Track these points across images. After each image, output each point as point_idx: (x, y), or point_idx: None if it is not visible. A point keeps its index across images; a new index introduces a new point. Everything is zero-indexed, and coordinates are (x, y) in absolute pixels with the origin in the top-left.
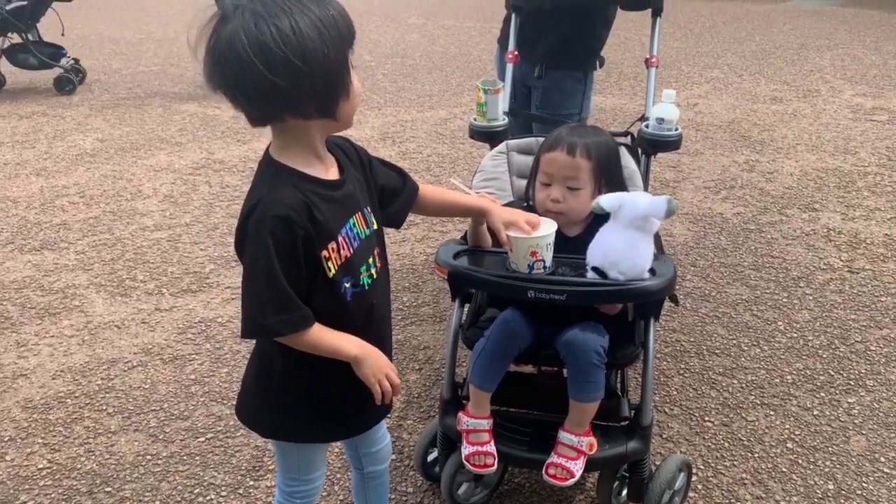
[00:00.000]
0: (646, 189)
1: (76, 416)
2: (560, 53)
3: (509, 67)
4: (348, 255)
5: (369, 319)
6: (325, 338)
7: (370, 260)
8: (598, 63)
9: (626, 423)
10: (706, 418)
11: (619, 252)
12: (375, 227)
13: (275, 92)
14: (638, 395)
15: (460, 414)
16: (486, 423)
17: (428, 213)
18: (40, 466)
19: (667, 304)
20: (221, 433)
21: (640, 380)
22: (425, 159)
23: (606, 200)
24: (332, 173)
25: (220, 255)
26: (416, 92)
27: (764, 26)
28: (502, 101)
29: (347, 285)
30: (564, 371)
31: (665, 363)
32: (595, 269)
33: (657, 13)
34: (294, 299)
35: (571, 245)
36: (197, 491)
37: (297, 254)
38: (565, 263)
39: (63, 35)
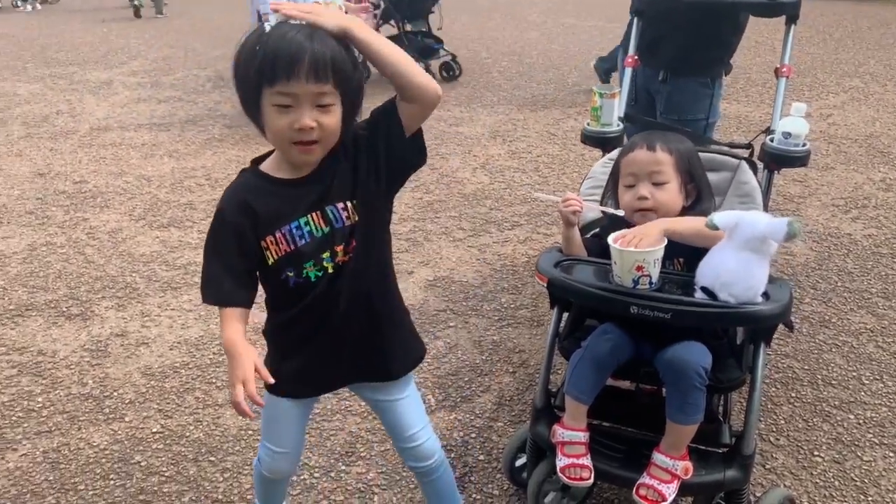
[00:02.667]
0: (765, 206)
1: (188, 386)
2: (684, 59)
3: (628, 72)
4: (288, 249)
5: (327, 313)
6: (224, 323)
7: (325, 255)
8: (724, 70)
9: (726, 449)
10: (816, 453)
11: (732, 273)
12: (347, 222)
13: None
14: (741, 421)
15: (556, 426)
16: (583, 436)
17: (386, 74)
18: (154, 430)
19: (781, 328)
20: (318, 416)
21: (744, 404)
22: (534, 159)
23: (721, 218)
24: (297, 172)
25: None
26: (531, 91)
27: None
28: (618, 107)
29: (290, 274)
30: (663, 390)
31: (774, 389)
32: (704, 289)
33: (792, 20)
34: (216, 279)
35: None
36: None
37: (227, 241)
38: (672, 280)
39: (440, 29)
